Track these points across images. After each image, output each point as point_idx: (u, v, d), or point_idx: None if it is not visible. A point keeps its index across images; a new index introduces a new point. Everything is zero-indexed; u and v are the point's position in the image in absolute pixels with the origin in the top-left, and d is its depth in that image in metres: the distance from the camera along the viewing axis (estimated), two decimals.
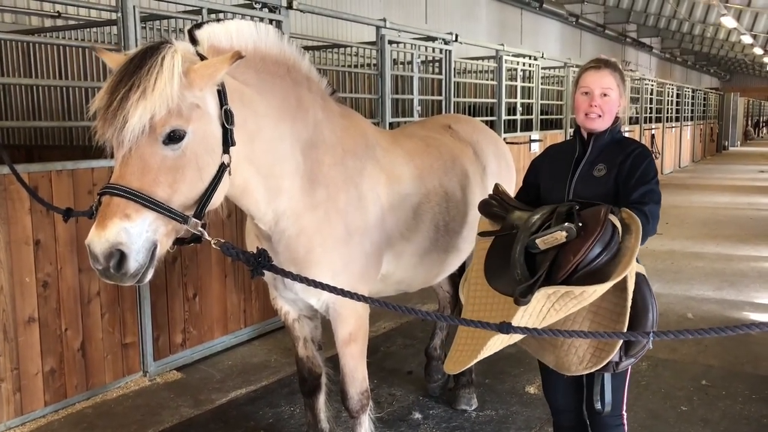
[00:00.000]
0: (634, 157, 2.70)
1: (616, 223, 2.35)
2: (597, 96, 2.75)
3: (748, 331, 1.77)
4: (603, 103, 2.75)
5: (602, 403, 2.71)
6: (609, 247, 2.30)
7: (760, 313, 6.33)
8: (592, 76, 2.78)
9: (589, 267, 2.28)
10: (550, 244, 2.34)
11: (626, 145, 2.78)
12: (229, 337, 5.50)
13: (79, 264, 4.35)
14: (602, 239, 2.28)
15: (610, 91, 2.75)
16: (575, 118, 2.88)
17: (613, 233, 2.32)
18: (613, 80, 2.77)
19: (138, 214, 2.14)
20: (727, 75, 55.52)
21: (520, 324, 2.26)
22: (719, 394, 4.54)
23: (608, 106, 2.76)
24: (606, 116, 2.77)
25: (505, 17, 20.09)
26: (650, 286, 2.60)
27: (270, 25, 2.99)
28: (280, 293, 3.25)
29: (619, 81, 2.79)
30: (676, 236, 9.93)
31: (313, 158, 2.90)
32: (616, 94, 2.77)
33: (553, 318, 2.30)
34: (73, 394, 4.40)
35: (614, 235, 2.32)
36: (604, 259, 2.29)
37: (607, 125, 2.79)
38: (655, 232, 2.59)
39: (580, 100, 2.79)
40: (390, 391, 4.63)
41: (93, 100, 2.23)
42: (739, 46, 30.74)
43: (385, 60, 6.96)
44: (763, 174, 19.50)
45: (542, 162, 3.05)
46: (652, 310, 2.51)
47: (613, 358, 2.51)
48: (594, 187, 2.73)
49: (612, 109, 2.77)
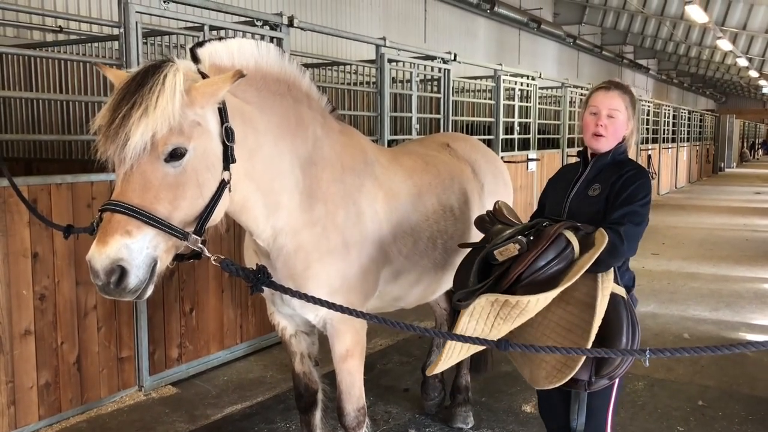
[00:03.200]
0: (626, 178, 2.70)
1: (571, 239, 2.41)
2: (604, 116, 2.76)
3: (744, 350, 1.79)
4: (609, 124, 2.76)
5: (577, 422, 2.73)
6: (553, 261, 2.37)
7: (756, 334, 6.33)
8: (601, 97, 2.80)
9: (531, 278, 2.37)
10: (506, 256, 2.44)
11: (622, 166, 2.77)
12: (225, 353, 5.49)
13: (76, 277, 4.35)
14: (546, 253, 2.36)
15: (616, 113, 2.76)
16: (583, 137, 2.90)
17: (564, 248, 2.38)
18: (621, 102, 2.77)
19: (139, 231, 2.16)
20: (723, 97, 55.95)
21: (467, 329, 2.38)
22: (716, 415, 4.53)
23: (613, 127, 2.76)
24: (610, 137, 2.77)
25: (503, 37, 20.26)
26: (631, 310, 2.56)
27: (271, 43, 3.02)
28: (278, 308, 3.25)
29: (628, 104, 2.79)
30: (672, 257, 9.95)
31: (312, 175, 2.92)
32: (623, 116, 2.77)
33: (502, 327, 2.40)
34: (68, 408, 4.38)
35: (564, 251, 2.38)
36: (548, 271, 2.37)
37: (610, 146, 2.79)
38: (632, 253, 2.58)
39: (588, 120, 2.81)
40: (386, 408, 4.62)
41: (95, 117, 2.26)
42: (734, 69, 31.07)
43: (384, 78, 7.02)
44: (759, 195, 19.59)
45: (552, 181, 3.09)
46: (627, 334, 2.47)
47: (582, 377, 2.54)
48: (587, 206, 2.74)
49: (617, 130, 2.78)
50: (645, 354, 2.02)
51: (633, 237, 2.54)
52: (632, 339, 2.52)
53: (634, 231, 2.55)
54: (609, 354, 2.40)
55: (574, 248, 2.40)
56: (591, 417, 2.74)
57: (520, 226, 2.62)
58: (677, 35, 23.22)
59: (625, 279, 2.71)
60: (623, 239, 2.49)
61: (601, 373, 2.55)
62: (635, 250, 2.59)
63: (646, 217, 2.63)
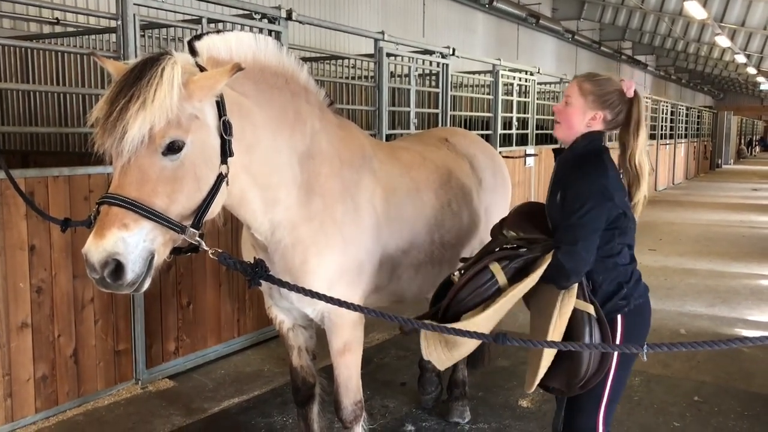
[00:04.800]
0: (569, 184, 2.56)
1: (496, 272, 2.53)
2: (561, 104, 2.72)
3: (741, 345, 1.80)
4: (562, 110, 2.69)
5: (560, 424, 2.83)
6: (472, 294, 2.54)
7: (752, 330, 6.36)
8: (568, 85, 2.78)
9: (455, 308, 2.57)
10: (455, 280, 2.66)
11: (575, 164, 2.61)
12: (222, 346, 5.49)
13: (73, 270, 4.34)
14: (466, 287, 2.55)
15: (569, 99, 2.68)
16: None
17: (485, 282, 2.54)
18: (576, 90, 2.67)
19: (136, 224, 2.15)
20: (721, 93, 55.99)
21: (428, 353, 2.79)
22: (712, 411, 4.55)
23: (565, 114, 2.68)
24: (563, 124, 2.69)
25: (502, 32, 20.23)
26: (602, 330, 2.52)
27: (269, 36, 3.01)
28: (276, 302, 3.25)
29: (587, 92, 2.66)
30: (669, 253, 9.97)
31: (310, 169, 2.92)
32: (578, 103, 2.65)
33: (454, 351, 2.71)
34: (65, 401, 4.38)
35: (485, 284, 2.54)
36: (468, 303, 2.54)
37: (566, 135, 2.69)
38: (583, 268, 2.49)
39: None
40: (383, 402, 4.63)
41: (92, 110, 2.24)
42: (732, 66, 31.09)
43: (383, 72, 7.01)
44: (756, 192, 19.63)
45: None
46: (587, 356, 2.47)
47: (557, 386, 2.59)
48: (556, 214, 2.64)
49: (570, 117, 2.66)
50: (642, 349, 2.03)
51: (576, 257, 2.45)
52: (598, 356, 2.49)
53: (571, 251, 2.45)
54: (606, 349, 2.41)
55: (498, 280, 2.53)
56: (581, 412, 2.72)
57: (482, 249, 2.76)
58: (676, 31, 23.22)
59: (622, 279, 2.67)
60: (564, 261, 2.45)
61: (572, 383, 2.54)
62: (586, 264, 2.49)
63: (588, 228, 2.47)
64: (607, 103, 2.67)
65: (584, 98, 2.66)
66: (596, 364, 2.51)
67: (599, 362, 2.51)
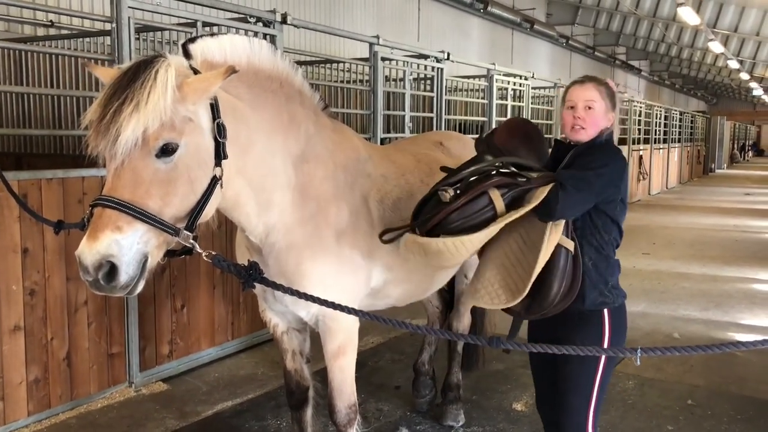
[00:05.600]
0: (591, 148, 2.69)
1: (494, 198, 2.54)
2: (581, 108, 2.75)
3: (734, 349, 1.80)
4: (587, 116, 2.74)
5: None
6: (469, 216, 2.55)
7: (745, 334, 6.38)
8: (576, 91, 2.80)
9: (448, 228, 2.57)
10: (445, 199, 2.61)
11: (595, 148, 2.73)
12: (216, 349, 5.47)
13: (67, 273, 4.32)
14: (463, 209, 2.55)
15: (593, 103, 2.74)
16: (563, 133, 2.90)
17: (483, 207, 2.55)
18: (597, 93, 2.75)
19: (129, 226, 2.15)
20: (714, 99, 56.26)
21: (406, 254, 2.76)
22: (705, 414, 4.56)
23: (592, 118, 2.74)
24: (590, 128, 2.74)
25: (496, 37, 20.29)
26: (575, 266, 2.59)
27: (264, 39, 3.01)
28: (270, 305, 3.25)
29: (605, 95, 2.77)
30: (663, 257, 10.00)
31: (304, 172, 2.92)
32: (600, 107, 2.74)
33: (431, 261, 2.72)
34: (57, 404, 4.36)
35: (483, 209, 2.55)
36: (463, 225, 2.55)
37: (590, 137, 2.76)
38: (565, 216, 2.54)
39: (566, 115, 2.80)
40: (377, 405, 4.62)
41: (86, 113, 2.24)
42: (725, 71, 31.26)
43: (378, 76, 7.02)
44: (749, 196, 19.71)
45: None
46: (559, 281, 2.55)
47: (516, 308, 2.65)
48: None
49: (596, 121, 2.75)
50: (636, 353, 2.04)
51: (569, 202, 2.50)
52: (567, 288, 2.57)
53: (573, 196, 2.50)
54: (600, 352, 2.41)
55: (495, 207, 2.54)
56: (572, 415, 2.75)
57: (475, 168, 2.70)
58: (669, 37, 23.33)
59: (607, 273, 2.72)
60: (558, 200, 2.47)
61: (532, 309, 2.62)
62: (571, 215, 2.57)
63: (594, 188, 2.55)
64: (614, 103, 2.82)
65: (605, 101, 2.77)
66: (566, 289, 2.57)
67: (567, 290, 2.58)
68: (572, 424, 2.76)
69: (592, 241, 2.67)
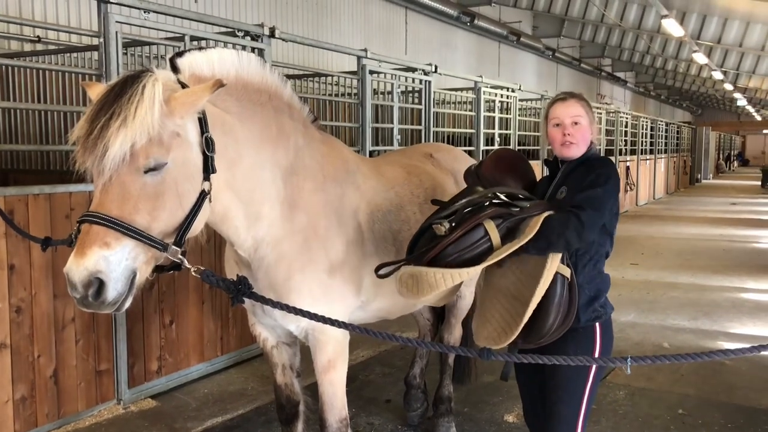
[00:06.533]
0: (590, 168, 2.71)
1: (490, 230, 2.52)
2: (569, 125, 2.80)
3: (723, 358, 1.81)
4: (575, 131, 2.79)
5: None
6: (466, 249, 2.52)
7: (733, 342, 6.40)
8: (560, 108, 2.84)
9: (444, 261, 2.53)
10: (440, 232, 2.59)
11: (590, 165, 2.76)
12: (205, 365, 5.43)
13: (54, 289, 4.28)
14: (459, 242, 2.52)
15: (580, 119, 2.81)
16: (551, 149, 2.92)
17: (479, 239, 2.51)
18: (581, 108, 2.83)
19: (117, 242, 2.14)
20: (699, 109, 56.81)
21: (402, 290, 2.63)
22: (696, 423, 4.57)
23: (580, 133, 2.80)
24: (581, 143, 2.81)
25: (483, 49, 20.43)
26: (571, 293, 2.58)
27: (252, 53, 3.02)
28: (259, 319, 3.23)
29: (587, 109, 2.85)
30: (651, 267, 10.05)
31: (293, 184, 2.92)
32: (586, 122, 2.82)
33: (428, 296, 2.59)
34: (44, 423, 4.30)
35: (478, 241, 2.52)
36: (459, 258, 2.52)
37: (582, 152, 2.82)
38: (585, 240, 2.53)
39: (553, 132, 2.84)
40: (368, 420, 4.60)
41: (73, 129, 2.23)
42: (710, 82, 31.56)
43: (366, 89, 7.04)
44: (735, 206, 19.88)
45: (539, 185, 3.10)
46: (556, 308, 2.53)
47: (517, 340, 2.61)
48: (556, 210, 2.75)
49: (585, 135, 2.82)
50: (626, 362, 2.04)
51: (593, 223, 2.51)
52: (563, 316, 2.55)
53: (595, 217, 2.51)
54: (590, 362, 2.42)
55: (491, 238, 2.52)
56: (562, 425, 2.76)
57: (468, 199, 2.70)
58: (654, 48, 23.57)
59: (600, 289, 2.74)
60: (583, 224, 2.47)
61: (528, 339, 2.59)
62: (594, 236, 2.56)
63: (607, 204, 2.58)
64: (593, 116, 2.89)
65: (588, 116, 2.84)
66: (563, 317, 2.56)
67: (564, 318, 2.56)
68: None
69: (585, 258, 2.69)
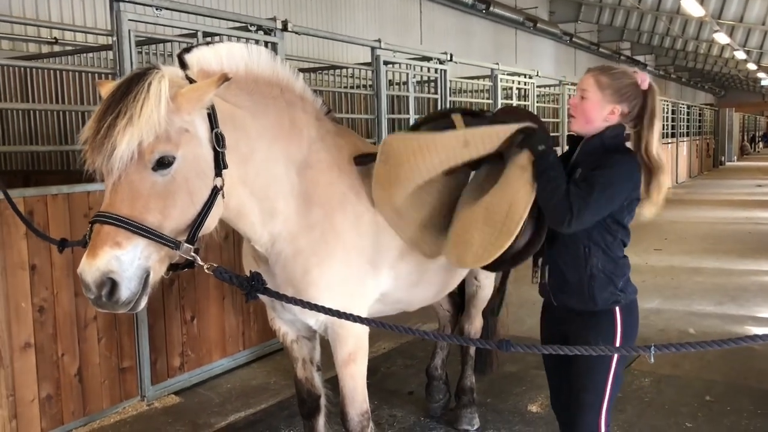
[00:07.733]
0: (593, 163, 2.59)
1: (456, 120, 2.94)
2: (576, 97, 2.71)
3: (751, 343, 1.75)
4: (578, 104, 2.68)
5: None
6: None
7: (762, 327, 6.29)
8: (581, 79, 2.75)
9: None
10: None
11: (611, 153, 2.62)
12: (227, 360, 5.45)
13: (75, 289, 4.31)
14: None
15: (585, 93, 2.66)
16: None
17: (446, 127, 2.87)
18: (592, 82, 2.66)
19: (129, 242, 2.13)
20: (722, 91, 55.90)
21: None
22: (724, 410, 4.49)
23: (582, 107, 2.67)
24: (580, 118, 2.68)
25: (500, 37, 20.25)
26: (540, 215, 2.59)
27: (262, 46, 2.99)
28: (278, 314, 3.22)
29: (604, 86, 2.64)
30: (675, 252, 9.90)
31: (308, 178, 2.89)
32: (594, 97, 2.64)
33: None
34: (70, 420, 4.34)
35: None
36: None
37: (584, 128, 2.69)
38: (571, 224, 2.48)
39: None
40: (391, 412, 4.58)
41: (83, 129, 2.23)
42: (732, 62, 31.02)
43: (381, 80, 6.99)
44: (761, 188, 19.54)
45: None
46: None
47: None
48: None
49: (588, 110, 2.65)
50: (650, 350, 1.99)
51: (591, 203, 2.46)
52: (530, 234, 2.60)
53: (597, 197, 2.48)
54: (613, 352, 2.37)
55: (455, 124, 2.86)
56: (585, 413, 2.72)
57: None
58: (674, 30, 23.19)
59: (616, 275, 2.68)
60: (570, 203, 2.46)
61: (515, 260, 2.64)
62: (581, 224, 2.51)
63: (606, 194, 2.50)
64: (625, 96, 2.65)
65: (602, 92, 2.64)
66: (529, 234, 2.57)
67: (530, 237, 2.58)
68: (585, 422, 2.72)
69: (599, 243, 2.63)
